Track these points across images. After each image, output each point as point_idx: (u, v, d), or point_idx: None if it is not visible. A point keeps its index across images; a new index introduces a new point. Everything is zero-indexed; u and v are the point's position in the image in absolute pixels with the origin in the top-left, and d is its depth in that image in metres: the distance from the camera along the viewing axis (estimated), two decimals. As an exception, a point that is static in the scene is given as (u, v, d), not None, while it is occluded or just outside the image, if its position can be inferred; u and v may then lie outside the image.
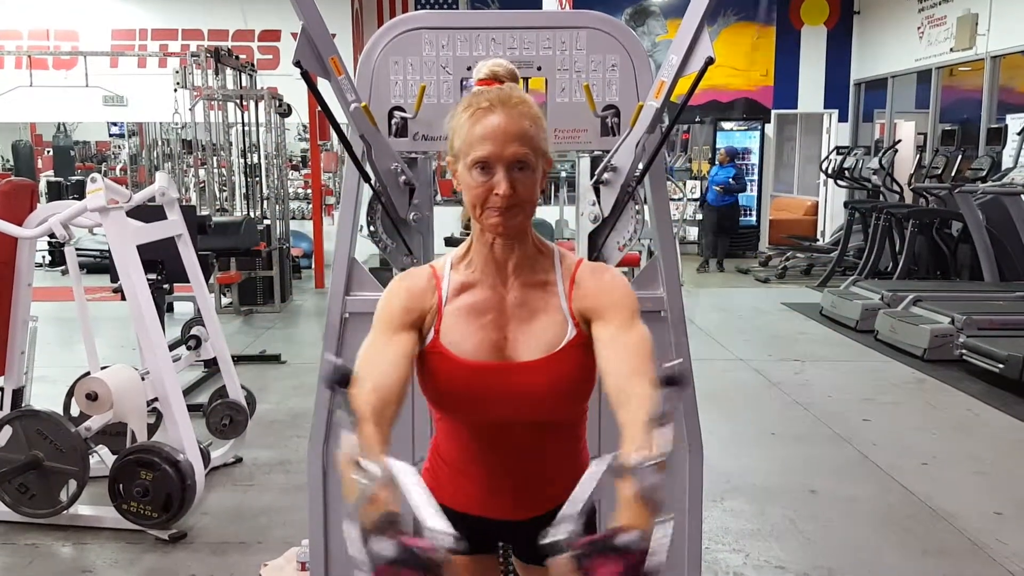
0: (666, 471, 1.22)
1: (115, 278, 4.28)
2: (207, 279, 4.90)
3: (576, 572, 1.16)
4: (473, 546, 1.67)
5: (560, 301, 1.55)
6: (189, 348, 4.43)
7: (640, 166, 2.36)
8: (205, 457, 3.89)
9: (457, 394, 1.55)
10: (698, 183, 12.82)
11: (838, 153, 11.33)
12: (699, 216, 12.30)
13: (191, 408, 3.88)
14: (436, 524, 1.19)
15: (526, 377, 1.53)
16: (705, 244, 11.93)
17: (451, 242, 6.33)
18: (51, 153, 17.37)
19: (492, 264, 1.55)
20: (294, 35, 2.16)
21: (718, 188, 11.43)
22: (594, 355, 1.51)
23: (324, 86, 2.24)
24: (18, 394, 4.01)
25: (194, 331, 4.43)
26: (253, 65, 9.95)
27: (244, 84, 9.55)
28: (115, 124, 16.53)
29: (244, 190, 9.75)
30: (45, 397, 4.31)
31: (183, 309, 7.74)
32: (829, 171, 11.32)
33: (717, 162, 11.79)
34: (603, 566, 1.15)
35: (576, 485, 1.62)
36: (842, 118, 12.99)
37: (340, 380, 1.28)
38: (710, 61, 2.19)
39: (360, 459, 1.23)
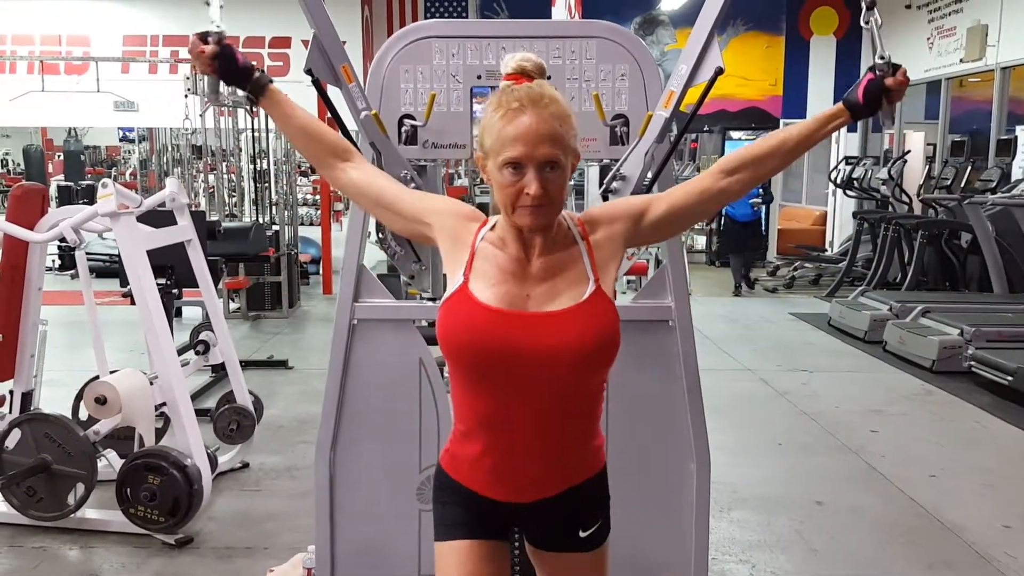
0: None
1: (125, 282, 4.30)
2: (216, 284, 4.92)
3: None
4: (486, 529, 1.68)
5: (582, 259, 1.62)
6: (197, 353, 4.44)
7: (649, 175, 2.37)
8: (212, 462, 3.90)
9: (479, 342, 1.56)
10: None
11: (847, 163, 11.31)
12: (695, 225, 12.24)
13: (199, 413, 3.89)
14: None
15: (550, 329, 1.55)
16: (733, 267, 10.52)
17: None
18: (62, 157, 17.48)
19: (519, 242, 1.60)
20: (304, 42, 2.18)
21: (755, 201, 10.24)
22: (615, 310, 1.60)
23: (335, 93, 2.25)
24: (27, 397, 4.02)
25: (202, 336, 4.44)
26: (263, 71, 9.98)
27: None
28: (130, 130, 16.62)
29: (253, 196, 9.78)
30: (54, 401, 4.32)
31: (192, 314, 7.77)
32: (838, 181, 11.30)
33: None
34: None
35: (588, 469, 1.66)
36: (851, 128, 12.96)
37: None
38: (719, 71, 2.19)
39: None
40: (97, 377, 3.96)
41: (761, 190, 10.16)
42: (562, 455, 1.64)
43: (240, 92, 1.81)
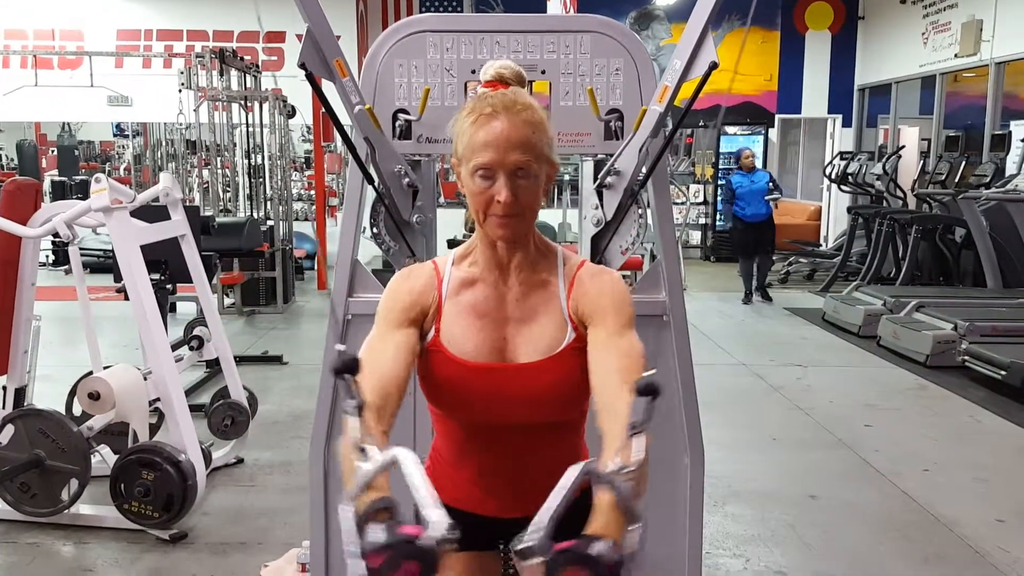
0: (644, 480, 1.22)
1: (118, 278, 4.28)
2: (210, 280, 4.91)
3: None
4: (474, 543, 1.67)
5: (560, 303, 1.55)
6: (192, 348, 4.44)
7: (643, 170, 2.37)
8: (206, 457, 3.90)
9: (455, 393, 1.55)
10: (701, 187, 12.80)
11: (842, 158, 11.32)
12: (702, 224, 12.24)
13: (193, 408, 3.88)
14: (433, 511, 1.16)
15: (525, 379, 1.53)
16: (743, 272, 9.47)
17: (454, 244, 6.30)
18: (55, 152, 17.41)
19: (494, 262, 1.55)
20: (299, 37, 2.16)
21: (772, 198, 9.08)
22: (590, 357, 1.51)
23: (329, 88, 2.25)
24: (20, 393, 4.01)
25: (197, 331, 4.44)
26: (258, 66, 9.96)
27: (248, 85, 9.56)
28: (122, 125, 16.56)
29: (248, 191, 9.76)
30: (47, 396, 4.31)
31: (186, 309, 7.75)
32: (833, 176, 11.31)
33: (740, 167, 9.34)
34: (575, 574, 1.13)
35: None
36: (846, 123, 12.98)
37: (346, 367, 1.27)
38: (714, 66, 2.19)
39: (362, 443, 1.23)
40: (91, 373, 3.96)
41: (771, 184, 9.17)
42: (549, 472, 1.63)
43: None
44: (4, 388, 4.02)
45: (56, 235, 3.69)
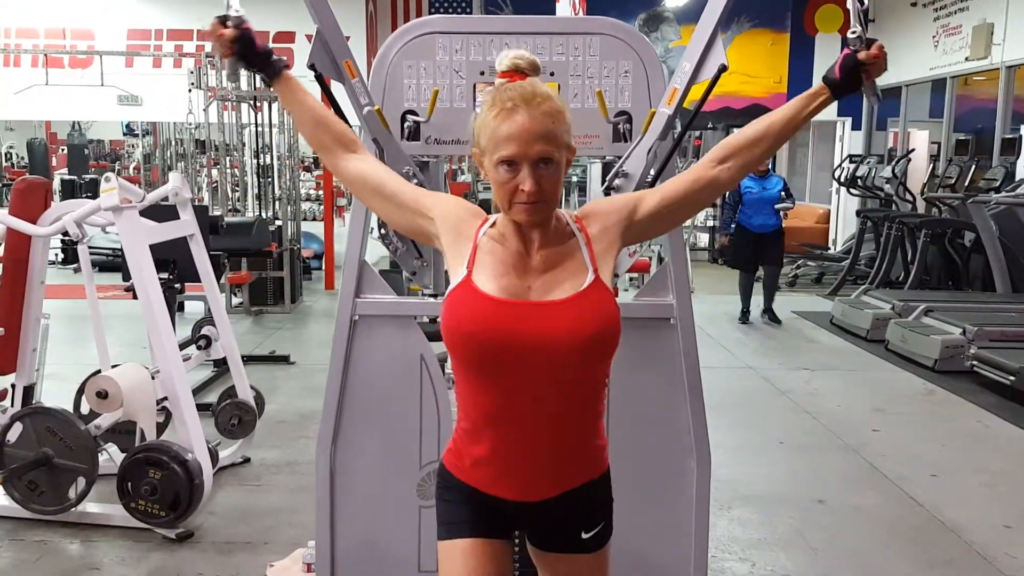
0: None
1: (127, 277, 4.30)
2: (218, 279, 4.92)
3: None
4: (488, 529, 1.68)
5: (581, 252, 1.64)
6: (199, 348, 4.45)
7: (652, 172, 2.36)
8: (213, 457, 3.90)
9: (484, 332, 1.57)
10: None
11: (851, 161, 11.29)
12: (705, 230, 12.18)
13: (200, 407, 3.89)
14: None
15: (551, 317, 1.57)
16: (743, 287, 8.43)
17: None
18: (65, 151, 17.48)
19: (519, 237, 1.63)
20: (308, 37, 2.18)
21: (782, 207, 8.11)
22: (615, 301, 1.63)
23: (338, 89, 2.25)
24: (29, 391, 4.03)
25: (204, 331, 4.45)
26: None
27: (258, 85, 9.58)
28: (131, 124, 16.60)
29: (256, 191, 9.78)
30: (56, 394, 4.32)
31: (194, 309, 7.77)
32: (842, 179, 11.28)
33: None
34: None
35: (592, 470, 1.67)
36: (855, 126, 12.95)
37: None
38: (723, 69, 2.19)
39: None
40: (99, 371, 3.97)
41: (783, 192, 8.15)
42: (566, 453, 1.64)
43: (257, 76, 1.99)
44: (13, 386, 4.04)
45: (65, 234, 3.71)
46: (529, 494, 1.65)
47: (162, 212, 4.07)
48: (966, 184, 8.95)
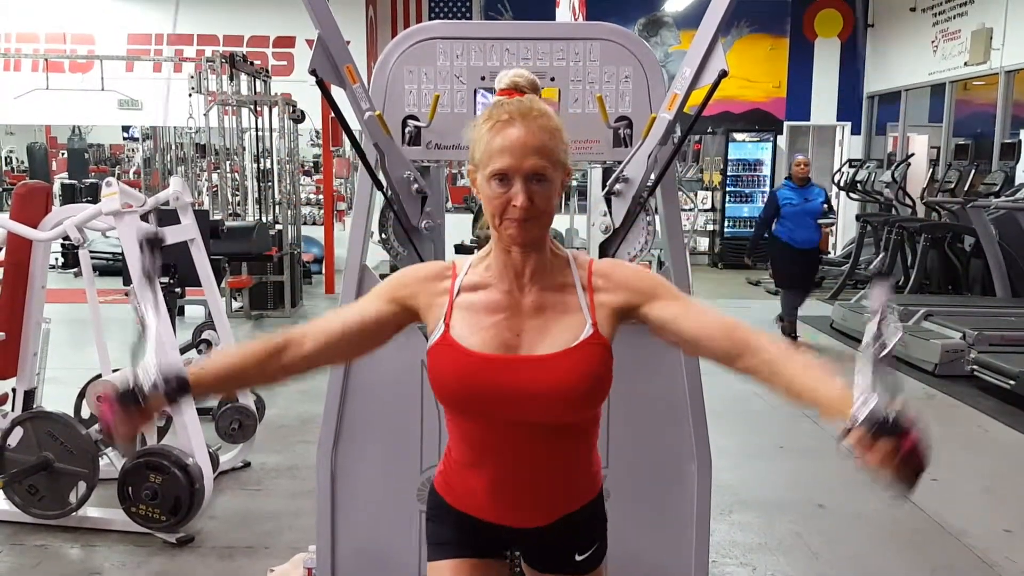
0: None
1: (128, 281, 4.30)
2: (219, 283, 4.93)
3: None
4: (482, 550, 1.68)
5: (579, 301, 1.56)
6: (200, 351, 4.45)
7: (652, 177, 2.37)
8: (214, 461, 3.90)
9: (467, 388, 1.54)
10: (710, 194, 12.79)
11: (851, 166, 11.30)
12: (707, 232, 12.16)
13: (201, 412, 3.89)
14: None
15: (539, 373, 1.52)
16: (791, 307, 7.80)
17: (462, 249, 6.28)
18: (65, 155, 17.46)
19: (510, 269, 1.56)
20: (309, 42, 2.18)
21: (825, 222, 7.49)
22: (611, 355, 1.55)
23: (339, 94, 2.26)
24: (30, 395, 4.03)
25: (205, 335, 4.45)
26: (267, 71, 10.01)
27: (258, 90, 9.60)
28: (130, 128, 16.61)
29: (256, 195, 9.79)
30: (56, 399, 4.32)
31: (194, 313, 7.76)
32: (841, 184, 11.29)
33: (792, 176, 7.54)
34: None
35: (585, 495, 1.64)
36: (855, 131, 12.96)
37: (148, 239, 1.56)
38: (723, 74, 2.19)
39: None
40: (100, 375, 3.97)
41: (826, 205, 7.45)
42: (558, 483, 1.63)
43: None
44: (14, 390, 4.03)
45: (66, 238, 3.71)
46: (522, 522, 1.65)
47: (163, 216, 4.07)
48: (966, 188, 8.96)
